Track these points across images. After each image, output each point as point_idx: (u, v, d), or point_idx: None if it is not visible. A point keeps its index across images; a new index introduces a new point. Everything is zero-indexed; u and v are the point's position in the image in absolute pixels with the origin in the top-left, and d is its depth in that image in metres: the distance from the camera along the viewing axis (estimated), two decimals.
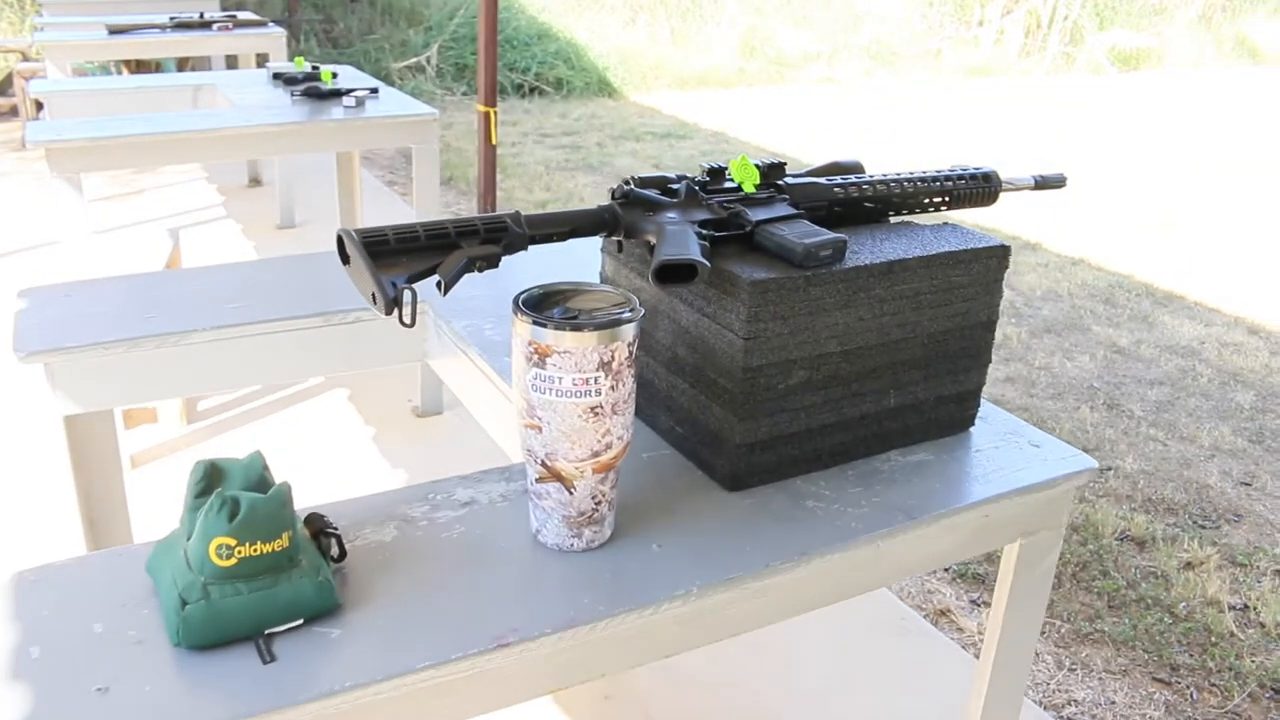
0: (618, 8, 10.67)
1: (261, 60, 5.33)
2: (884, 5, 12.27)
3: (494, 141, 5.29)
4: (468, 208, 5.86)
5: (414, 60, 8.97)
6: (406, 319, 0.96)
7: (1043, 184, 1.47)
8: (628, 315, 0.95)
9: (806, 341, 1.12)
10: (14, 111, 7.57)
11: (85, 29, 5.18)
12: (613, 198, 1.18)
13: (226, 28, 5.07)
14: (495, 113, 5.26)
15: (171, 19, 5.08)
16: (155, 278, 1.76)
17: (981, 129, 9.22)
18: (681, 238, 1.08)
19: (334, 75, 3.49)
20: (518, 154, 7.24)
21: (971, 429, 1.33)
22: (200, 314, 1.56)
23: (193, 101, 3.62)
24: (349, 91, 3.33)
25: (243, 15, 5.33)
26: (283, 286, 1.70)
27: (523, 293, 0.99)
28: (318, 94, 3.32)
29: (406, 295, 0.96)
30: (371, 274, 0.96)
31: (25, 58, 7.52)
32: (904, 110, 9.89)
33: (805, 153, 7.82)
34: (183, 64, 6.89)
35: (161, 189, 5.89)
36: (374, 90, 3.39)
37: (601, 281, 1.30)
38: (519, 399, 0.98)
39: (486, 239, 1.06)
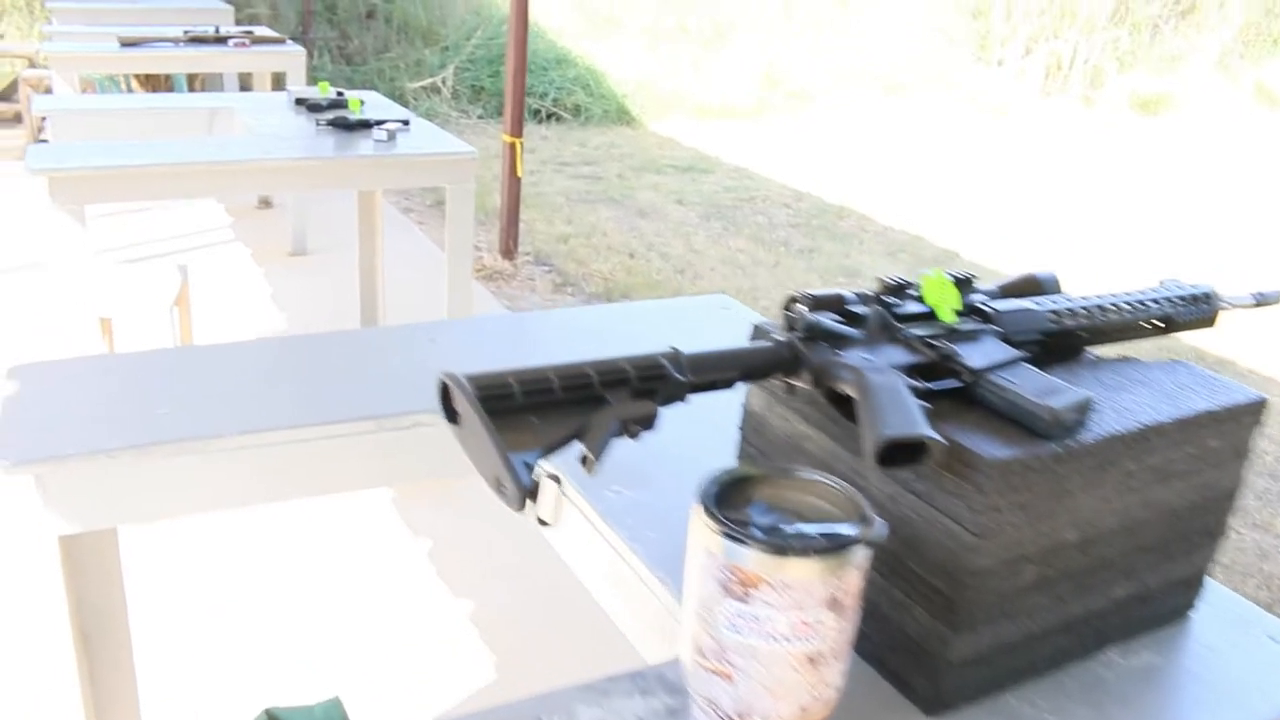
0: (637, 34, 10.45)
1: (278, 80, 5.08)
2: (904, 40, 12.08)
3: (519, 174, 5.04)
4: (486, 240, 5.60)
5: (429, 81, 8.73)
6: (547, 516, 0.69)
7: (1263, 301, 1.21)
8: (868, 532, 0.69)
9: (1044, 533, 0.85)
10: (18, 119, 7.31)
11: (95, 40, 4.93)
12: (788, 326, 0.92)
13: (243, 44, 4.82)
14: (521, 144, 5.01)
15: (186, 33, 4.83)
16: (166, 358, 1.49)
17: (1009, 170, 9.00)
18: (898, 399, 0.81)
19: (361, 104, 3.24)
20: (537, 183, 6.98)
21: (1191, 614, 1.07)
22: (223, 411, 1.29)
23: (208, 126, 3.35)
24: (379, 123, 3.07)
25: (259, 31, 5.08)
26: (320, 373, 1.43)
27: (708, 483, 0.72)
28: (345, 125, 3.06)
29: (546, 484, 0.69)
30: (498, 451, 0.70)
31: (32, 64, 7.27)
32: (924, 147, 9.67)
33: (831, 191, 7.58)
34: (193, 80, 6.64)
35: (166, 209, 5.62)
36: (405, 122, 3.14)
37: (747, 420, 1.04)
38: (699, 632, 0.71)
39: (639, 390, 0.79)
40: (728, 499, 0.73)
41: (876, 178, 8.37)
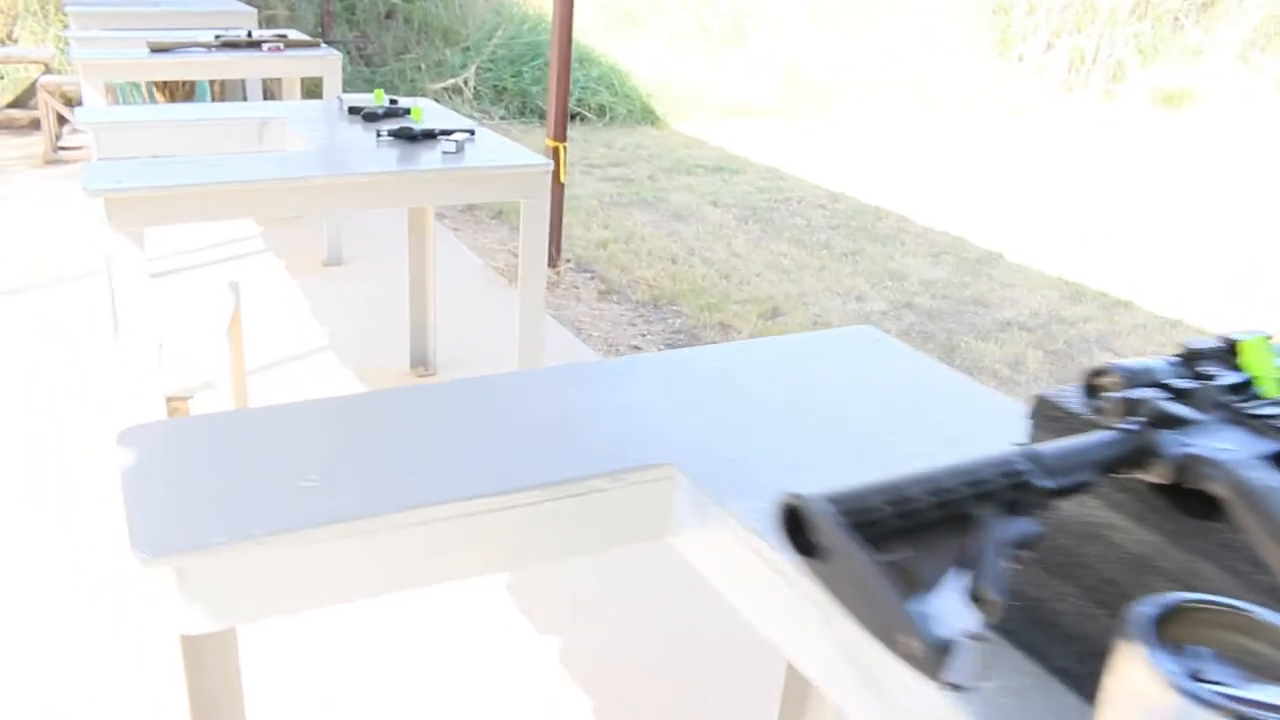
0: (658, 31, 10.29)
1: (307, 86, 4.93)
2: (924, 37, 11.91)
3: (562, 179, 4.88)
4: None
5: (451, 82, 8.57)
6: (967, 679, 0.53)
7: None
8: None
9: None
10: (35, 125, 7.15)
11: (123, 45, 4.77)
12: (1126, 413, 0.76)
13: (277, 49, 4.66)
14: (565, 148, 4.86)
15: (217, 37, 4.67)
16: (289, 415, 1.34)
17: (1035, 167, 8.84)
18: None
19: (423, 113, 3.08)
20: (568, 186, 6.81)
21: None
22: (376, 479, 1.14)
23: (258, 137, 3.19)
24: (445, 133, 2.91)
25: (292, 35, 4.92)
26: (470, 429, 1.29)
27: (1141, 615, 0.56)
28: (409, 136, 2.90)
29: (965, 642, 0.54)
30: (894, 601, 0.54)
31: (48, 69, 7.11)
32: (949, 145, 9.51)
33: (865, 192, 7.42)
34: (214, 86, 6.47)
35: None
36: (470, 132, 2.98)
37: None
38: None
39: (1004, 502, 0.64)
40: (1160, 637, 0.57)
41: (907, 177, 8.20)
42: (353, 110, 3.25)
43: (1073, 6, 12.81)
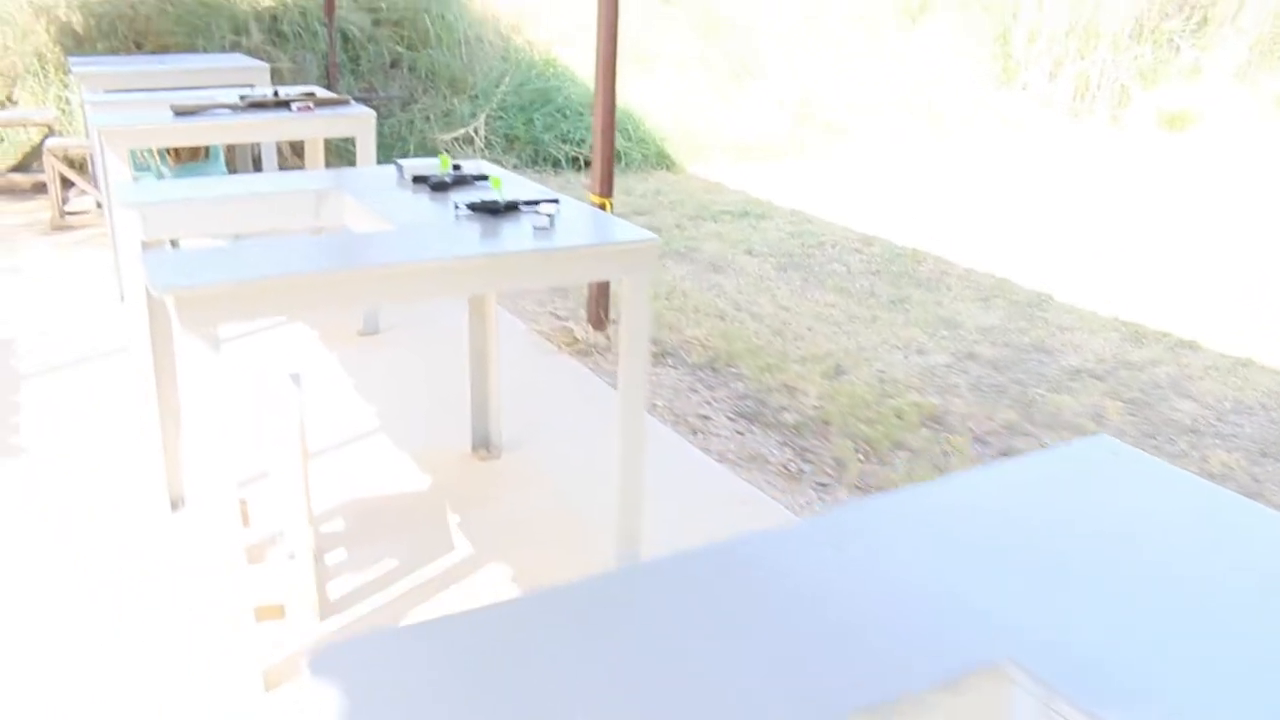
0: (664, 72, 10.09)
1: (343, 146, 4.67)
2: (930, 68, 11.77)
3: None
4: (566, 308, 5.19)
5: (461, 131, 8.34)
6: None
7: None
8: None
9: None
10: (38, 189, 6.88)
11: (142, 108, 4.51)
12: None
13: (306, 108, 4.41)
14: (611, 204, 4.61)
15: (242, 98, 4.42)
16: (506, 613, 1.06)
17: (1055, 197, 8.65)
18: None
19: (501, 182, 2.82)
20: None
21: None
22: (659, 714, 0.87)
23: (315, 211, 2.93)
24: (529, 204, 2.65)
25: (321, 93, 4.67)
26: (761, 635, 1.01)
27: None
28: (492, 209, 2.64)
29: None
30: None
31: (51, 131, 6.85)
32: (965, 177, 9.32)
33: (896, 232, 7.21)
34: (229, 147, 6.21)
35: None
36: (555, 201, 2.72)
37: None
38: None
39: None
40: None
41: (933, 214, 8.00)
42: (418, 179, 2.99)
43: (1075, 32, 12.70)
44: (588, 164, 8.56)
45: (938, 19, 12.25)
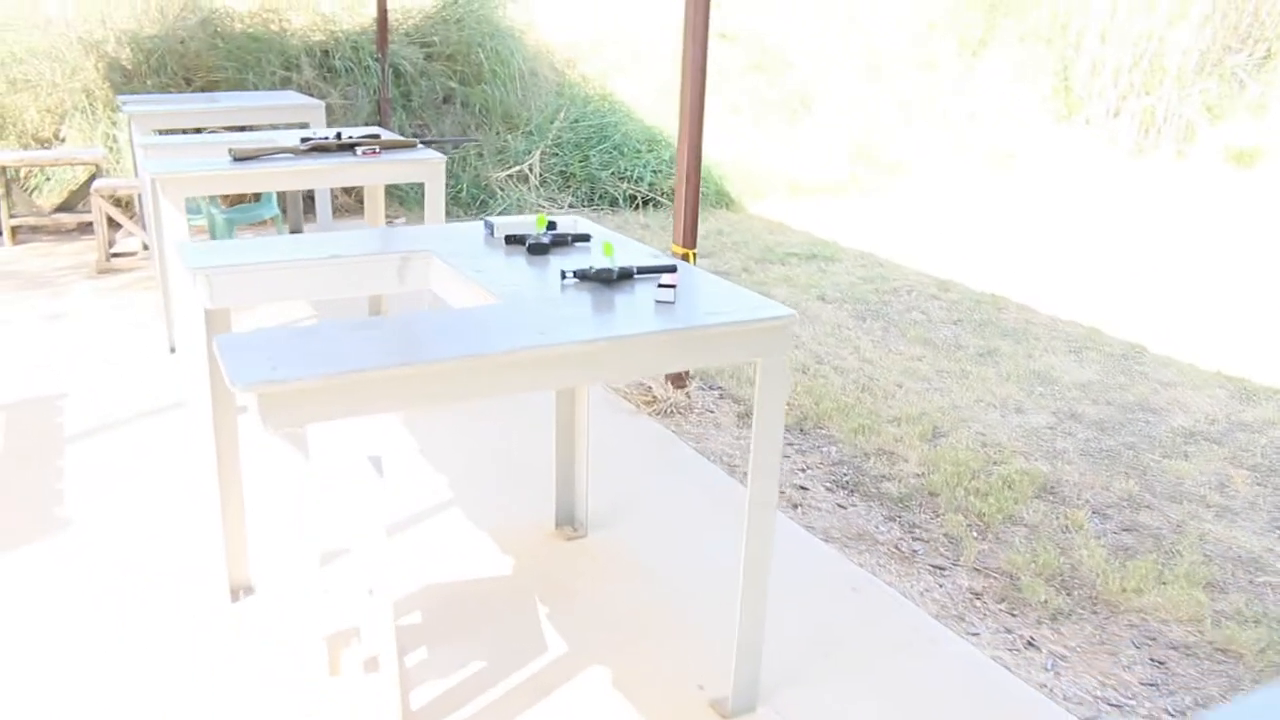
0: (718, 108, 9.83)
1: (401, 190, 4.41)
2: (992, 103, 11.44)
3: None
4: None
5: (516, 169, 8.10)
6: None
7: None
8: None
9: None
10: (83, 229, 6.69)
11: (198, 152, 4.28)
12: None
13: (372, 152, 4.16)
14: (695, 255, 4.32)
15: (304, 140, 4.18)
16: None
17: (1128, 237, 8.28)
18: None
19: (613, 249, 2.53)
20: None
21: None
22: None
23: (399, 276, 2.66)
24: (645, 272, 2.36)
25: (386, 135, 4.42)
26: None
27: None
28: (605, 278, 2.35)
29: None
30: None
31: (99, 170, 6.66)
32: (1030, 217, 8.98)
33: (972, 276, 6.88)
34: (282, 195, 5.99)
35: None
36: (674, 268, 2.43)
37: None
38: None
39: None
40: None
41: (1003, 256, 7.66)
42: (511, 239, 2.71)
43: (1139, 66, 12.35)
44: (645, 203, 8.31)
45: (997, 54, 11.95)
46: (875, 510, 3.68)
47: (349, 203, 7.49)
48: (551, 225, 2.79)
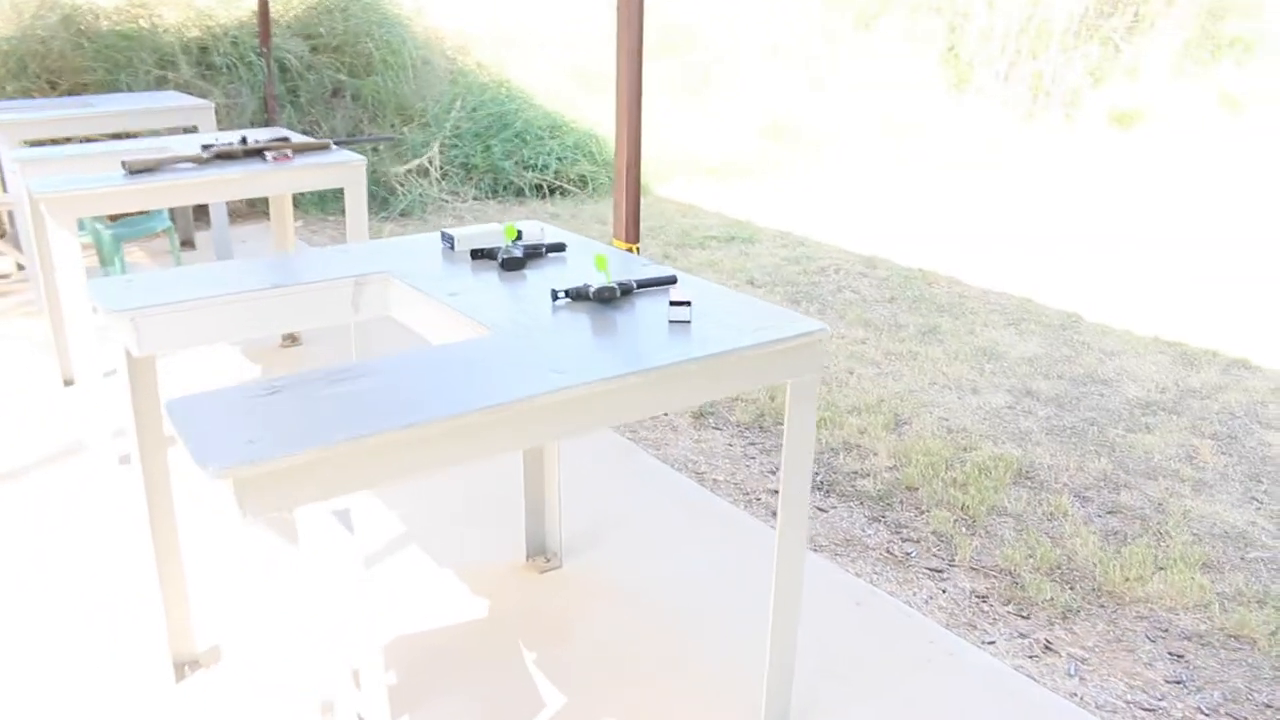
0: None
1: (305, 197, 4.04)
2: (887, 77, 11.42)
3: None
4: None
5: (415, 163, 7.71)
6: None
7: None
8: None
9: None
10: None
11: (85, 164, 3.86)
12: None
13: (285, 156, 3.79)
14: (638, 250, 4.06)
15: (206, 149, 3.79)
16: None
17: (1032, 204, 8.33)
18: None
19: (607, 261, 2.26)
20: None
21: None
22: None
23: (353, 303, 2.35)
24: (645, 285, 2.10)
25: (297, 138, 4.05)
26: None
27: None
28: (609, 299, 2.08)
29: None
30: None
31: None
32: (937, 188, 8.97)
33: (896, 252, 6.79)
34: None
35: (166, 358, 4.51)
36: (674, 280, 2.17)
37: None
38: None
39: None
40: None
41: (921, 228, 7.61)
42: (478, 254, 2.41)
43: (1027, 33, 12.48)
44: (553, 191, 8.02)
45: (890, 25, 11.94)
46: (857, 511, 3.50)
47: (242, 208, 7.01)
48: (518, 235, 2.50)
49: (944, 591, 3.05)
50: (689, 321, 1.94)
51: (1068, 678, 2.71)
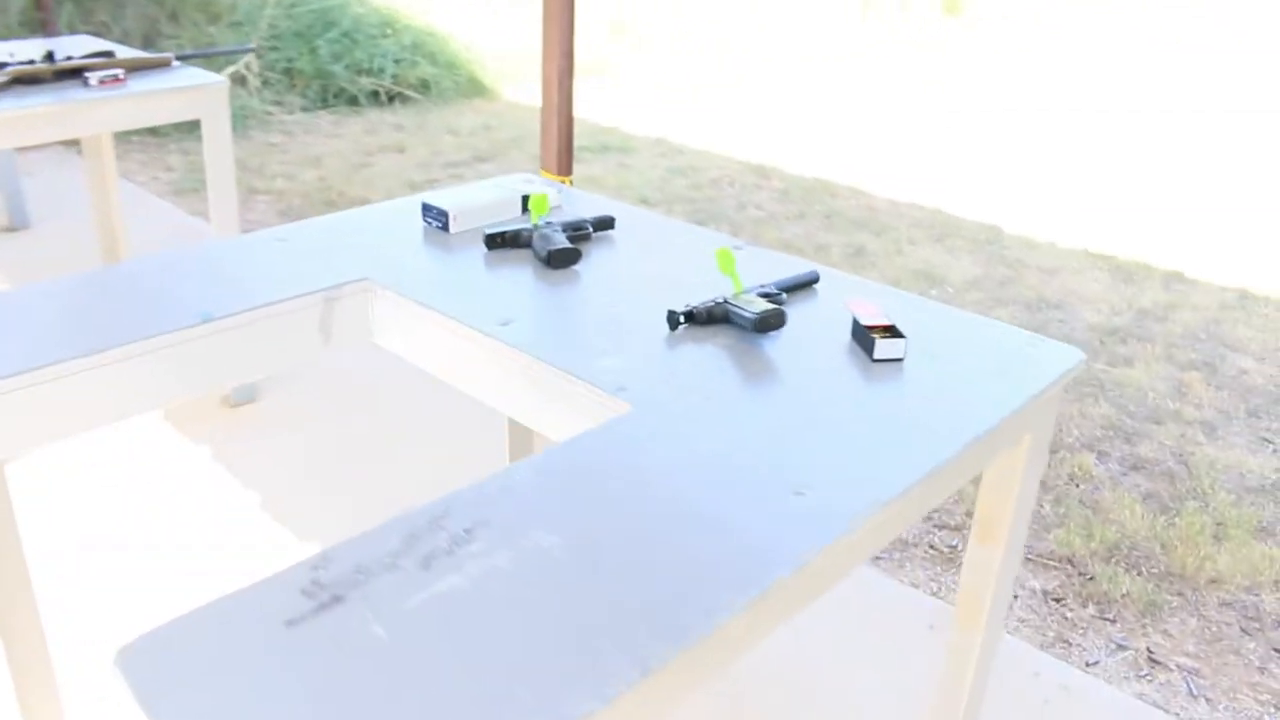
0: None
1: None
2: None
3: None
4: None
5: (232, 70, 6.60)
6: None
7: None
8: None
9: None
10: None
11: None
12: None
13: (115, 80, 2.87)
14: (571, 183, 3.39)
15: (2, 66, 2.84)
16: None
17: (878, 96, 7.98)
18: None
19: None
20: None
21: None
22: None
23: (321, 331, 1.59)
24: (768, 296, 1.46)
25: (125, 52, 3.11)
26: None
27: None
28: (768, 325, 1.41)
29: None
30: None
31: None
32: (781, 80, 8.51)
33: (788, 161, 6.29)
34: None
35: None
36: (814, 278, 1.53)
37: None
38: None
39: None
40: None
41: (795, 131, 7.13)
42: (495, 241, 1.68)
43: None
44: (391, 99, 7.08)
45: None
46: None
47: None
48: (549, 209, 1.78)
49: (1015, 597, 2.59)
50: (903, 359, 1.31)
51: (1192, 699, 2.29)
